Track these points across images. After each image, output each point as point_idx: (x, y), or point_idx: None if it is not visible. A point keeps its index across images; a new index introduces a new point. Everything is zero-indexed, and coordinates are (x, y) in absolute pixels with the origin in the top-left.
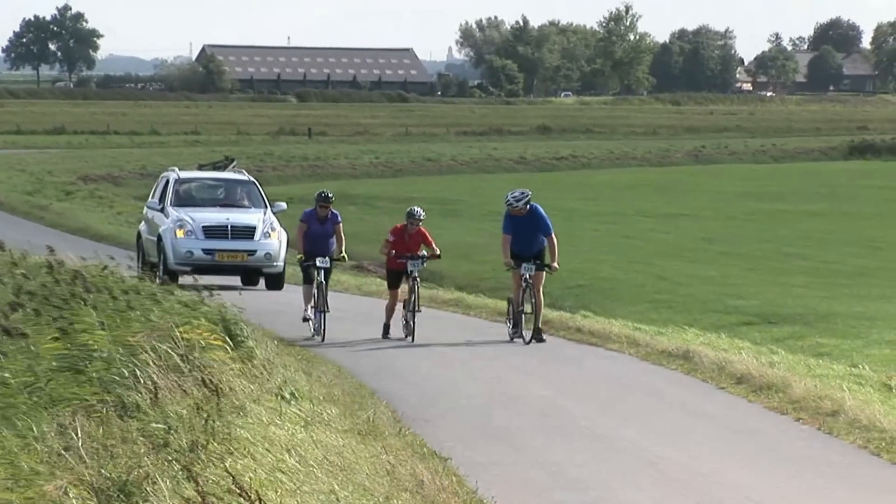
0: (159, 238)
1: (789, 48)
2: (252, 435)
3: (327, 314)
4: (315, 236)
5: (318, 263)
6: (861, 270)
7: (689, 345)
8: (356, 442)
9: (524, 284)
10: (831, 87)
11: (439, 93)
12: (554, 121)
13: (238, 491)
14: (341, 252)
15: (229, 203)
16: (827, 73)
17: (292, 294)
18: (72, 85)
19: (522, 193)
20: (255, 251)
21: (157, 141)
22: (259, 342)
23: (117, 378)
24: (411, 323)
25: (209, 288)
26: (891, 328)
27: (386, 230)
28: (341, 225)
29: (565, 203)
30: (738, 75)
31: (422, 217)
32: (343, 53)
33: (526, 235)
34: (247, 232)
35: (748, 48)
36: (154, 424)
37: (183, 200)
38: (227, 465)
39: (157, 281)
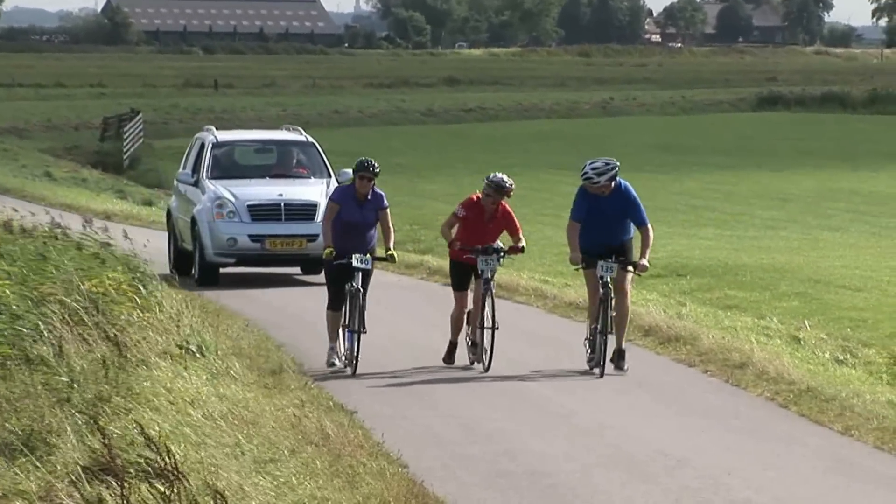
0: (193, 221)
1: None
2: (157, 388)
3: (363, 335)
4: (349, 225)
5: (354, 263)
6: (769, 223)
7: None
8: (262, 395)
9: (603, 292)
10: (740, 39)
11: (346, 45)
12: (462, 73)
13: (146, 442)
14: (390, 248)
15: (283, 173)
16: (736, 24)
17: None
18: None
19: (607, 164)
20: (317, 236)
21: (62, 93)
22: (166, 294)
23: (22, 331)
24: (482, 343)
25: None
26: (799, 280)
27: None
28: (388, 211)
29: (473, 155)
30: (646, 27)
31: (511, 189)
32: (249, 5)
33: (606, 223)
34: (305, 211)
35: None
36: (58, 378)
37: (223, 170)
38: (132, 417)
39: (195, 277)
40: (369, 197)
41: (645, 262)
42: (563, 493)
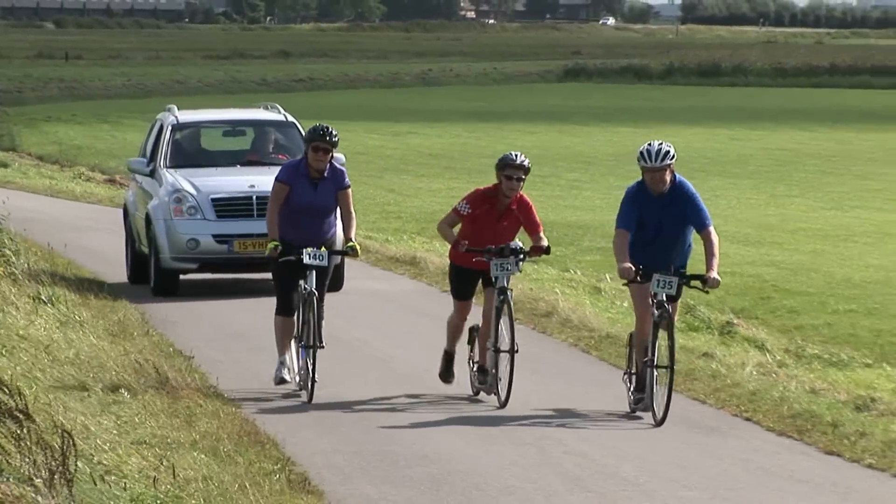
0: (148, 219)
1: None
2: (10, 334)
3: (319, 351)
4: (302, 210)
5: (306, 259)
6: (574, 184)
7: (417, 251)
8: (108, 342)
9: (656, 313)
10: (548, 16)
11: (187, 20)
12: (293, 46)
13: None
14: (350, 239)
15: (256, 159)
16: (544, 2)
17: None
18: None
19: (663, 146)
20: None
21: None
22: (18, 246)
23: None
24: (495, 370)
25: None
26: (600, 236)
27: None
28: (350, 191)
29: (303, 122)
30: (462, 4)
31: (528, 166)
32: None
33: (662, 233)
34: None
35: None
36: None
37: (185, 158)
38: None
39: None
40: (326, 174)
41: (715, 274)
42: (391, 437)
